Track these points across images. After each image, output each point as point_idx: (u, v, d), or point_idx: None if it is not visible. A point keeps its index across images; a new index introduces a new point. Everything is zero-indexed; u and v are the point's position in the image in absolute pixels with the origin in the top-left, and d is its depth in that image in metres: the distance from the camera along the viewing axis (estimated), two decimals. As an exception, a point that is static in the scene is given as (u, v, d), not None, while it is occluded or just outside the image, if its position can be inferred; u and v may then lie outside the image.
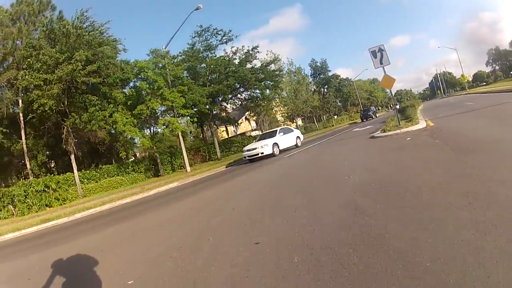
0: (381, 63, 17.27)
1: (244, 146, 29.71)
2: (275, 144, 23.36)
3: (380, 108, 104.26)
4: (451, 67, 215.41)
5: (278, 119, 64.88)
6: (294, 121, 60.55)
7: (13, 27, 29.07)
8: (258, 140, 25.59)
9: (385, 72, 18.17)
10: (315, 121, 69.85)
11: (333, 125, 65.01)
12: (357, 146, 16.70)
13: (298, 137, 26.26)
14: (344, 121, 68.73)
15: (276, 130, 25.88)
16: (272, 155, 22.57)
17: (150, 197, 17.79)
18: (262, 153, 22.74)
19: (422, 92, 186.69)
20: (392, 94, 28.37)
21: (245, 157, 24.35)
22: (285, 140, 24.84)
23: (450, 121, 16.86)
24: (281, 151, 23.59)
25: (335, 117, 77.45)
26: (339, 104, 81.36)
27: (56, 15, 33.13)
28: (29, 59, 25.51)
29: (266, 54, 47.79)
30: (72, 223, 14.81)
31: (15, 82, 26.72)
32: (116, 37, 28.89)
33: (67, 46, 25.12)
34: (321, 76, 74.80)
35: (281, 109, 59.87)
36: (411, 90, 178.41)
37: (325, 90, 75.42)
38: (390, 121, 20.90)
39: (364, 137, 19.51)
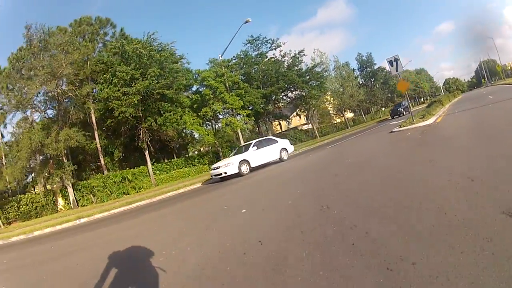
0: (396, 71, 21.21)
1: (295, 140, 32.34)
2: (244, 161, 20.30)
3: (428, 98, 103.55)
4: (496, 54, 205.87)
5: (330, 112, 66.67)
6: (342, 114, 62.09)
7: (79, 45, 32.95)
8: (233, 155, 22.89)
9: (400, 78, 23.36)
10: (363, 114, 71.21)
11: (380, 117, 66.45)
12: (373, 139, 21.51)
13: (283, 149, 22.82)
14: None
15: (251, 143, 22.64)
16: (238, 174, 19.64)
17: (217, 181, 21.18)
18: (225, 172, 19.82)
19: (469, 80, 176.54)
20: (406, 94, 30.65)
21: (212, 176, 21.62)
22: (261, 155, 21.52)
23: (454, 117, 19.48)
24: (255, 168, 20.93)
25: (383, 109, 78.39)
26: (388, 95, 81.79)
27: (117, 32, 37.68)
28: (105, 75, 30.20)
29: (314, 52, 50.97)
30: (155, 203, 18.55)
31: (92, 93, 31.29)
32: (181, 53, 33.62)
33: (140, 64, 29.42)
34: (368, 69, 76.10)
35: (331, 102, 61.60)
36: (457, 79, 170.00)
37: (372, 83, 76.65)
38: (410, 117, 23.01)
39: (387, 131, 22.73)
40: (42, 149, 27.51)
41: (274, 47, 40.88)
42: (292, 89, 42.95)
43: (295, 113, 58.59)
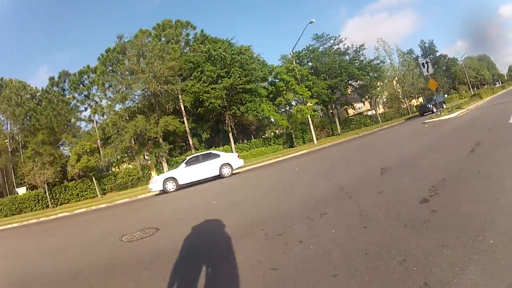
0: (427, 71, 26.03)
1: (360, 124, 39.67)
2: (170, 179, 20.12)
3: (491, 84, 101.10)
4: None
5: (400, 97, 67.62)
6: (404, 101, 63.60)
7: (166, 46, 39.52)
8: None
9: (430, 78, 28.57)
10: (424, 100, 72.44)
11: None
12: (404, 128, 28.21)
13: (225, 164, 21.12)
14: (453, 100, 70.16)
15: (188, 158, 22.15)
16: (164, 191, 19.84)
17: (288, 158, 26.71)
18: (151, 188, 20.52)
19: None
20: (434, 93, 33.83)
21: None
22: (194, 171, 20.68)
23: (474, 113, 23.30)
24: (187, 185, 20.46)
25: (446, 95, 76.77)
26: (450, 81, 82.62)
27: (198, 33, 45.47)
28: (195, 72, 37.14)
29: (377, 41, 55.25)
30: (239, 174, 23.12)
31: (186, 88, 37.41)
32: (257, 54, 40.41)
33: (224, 64, 35.89)
34: (430, 56, 76.80)
35: (394, 89, 62.76)
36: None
37: (435, 69, 76.18)
38: (443, 110, 28.79)
39: (423, 121, 27.34)
40: (145, 132, 33.98)
41: (337, 42, 46.69)
42: (354, 80, 48.05)
43: (360, 101, 62.22)
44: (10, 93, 43.08)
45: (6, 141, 42.72)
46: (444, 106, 38.35)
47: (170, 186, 19.73)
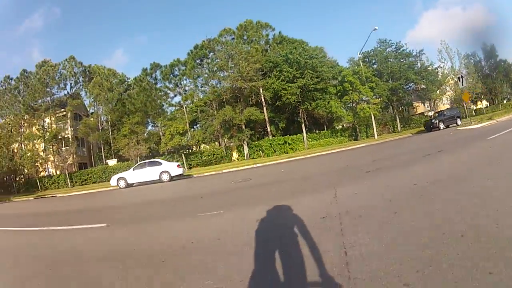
0: (462, 85, 31.39)
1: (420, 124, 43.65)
2: (122, 178, 25.71)
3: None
4: None
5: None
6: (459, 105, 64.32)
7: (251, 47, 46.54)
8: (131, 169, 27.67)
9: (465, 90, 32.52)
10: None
11: (499, 110, 62.79)
12: (433, 134, 31.09)
13: (164, 171, 25.58)
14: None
15: (138, 164, 28.42)
16: (118, 187, 25.45)
17: (347, 149, 32.40)
18: (111, 183, 26.62)
19: None
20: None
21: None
22: (139, 175, 25.71)
23: (498, 124, 26.26)
24: (135, 184, 25.61)
25: (505, 101, 76.63)
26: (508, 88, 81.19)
27: (277, 34, 51.65)
28: (274, 72, 44.03)
29: (440, 44, 59.47)
30: (305, 158, 29.58)
31: (266, 85, 44.10)
32: (328, 57, 47.61)
33: (299, 66, 42.50)
34: (491, 60, 76.76)
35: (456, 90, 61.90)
36: None
37: (495, 75, 76.55)
38: (475, 119, 32.78)
39: (453, 129, 31.76)
40: (231, 120, 40.94)
41: (398, 47, 51.12)
42: (414, 84, 52.49)
43: (420, 102, 65.44)
44: (101, 80, 48.90)
45: (92, 119, 49.65)
46: (459, 122, 37.53)
47: (122, 183, 25.53)
